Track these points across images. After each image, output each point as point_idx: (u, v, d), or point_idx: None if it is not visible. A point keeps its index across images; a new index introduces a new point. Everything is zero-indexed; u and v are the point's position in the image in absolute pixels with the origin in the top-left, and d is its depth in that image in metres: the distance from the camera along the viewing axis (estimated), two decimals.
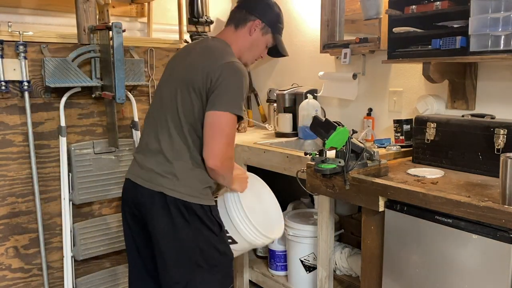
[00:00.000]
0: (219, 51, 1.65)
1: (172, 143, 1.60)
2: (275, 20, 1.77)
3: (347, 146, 1.79)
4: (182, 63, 1.68)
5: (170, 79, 1.69)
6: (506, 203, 1.40)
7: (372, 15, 2.41)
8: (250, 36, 1.74)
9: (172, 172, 1.58)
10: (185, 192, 1.57)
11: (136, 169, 1.68)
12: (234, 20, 1.75)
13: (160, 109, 1.66)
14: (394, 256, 1.74)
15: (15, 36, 2.01)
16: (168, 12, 3.21)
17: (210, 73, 1.56)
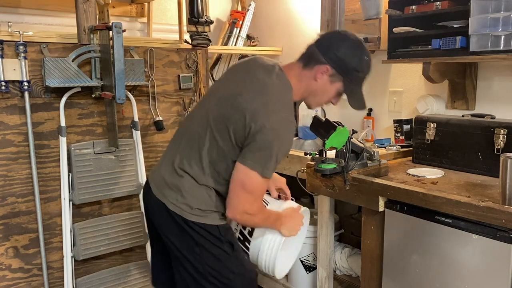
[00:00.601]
0: (275, 98, 1.46)
1: (189, 160, 1.53)
2: (352, 68, 1.49)
3: (347, 146, 1.79)
4: (234, 90, 1.51)
5: (216, 100, 1.54)
6: (506, 203, 1.40)
7: (372, 15, 2.41)
8: (315, 81, 1.52)
9: (178, 187, 1.53)
10: (185, 209, 1.52)
11: (155, 172, 1.65)
12: (304, 57, 1.53)
13: (193, 125, 1.58)
14: (394, 256, 1.74)
15: (15, 36, 2.01)
16: (168, 12, 3.21)
17: (252, 122, 1.42)
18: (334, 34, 1.56)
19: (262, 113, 1.43)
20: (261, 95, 1.46)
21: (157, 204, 1.56)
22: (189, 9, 2.48)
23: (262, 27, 3.33)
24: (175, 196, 1.53)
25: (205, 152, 1.51)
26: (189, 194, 1.52)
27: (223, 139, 1.49)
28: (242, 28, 3.29)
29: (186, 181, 1.53)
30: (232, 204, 1.50)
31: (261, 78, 1.50)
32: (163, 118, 2.46)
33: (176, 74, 2.49)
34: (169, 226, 1.56)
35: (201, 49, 2.56)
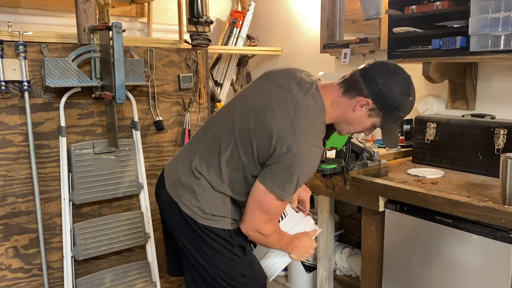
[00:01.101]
0: (305, 121, 1.40)
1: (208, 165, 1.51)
2: (394, 107, 1.42)
3: (347, 146, 1.79)
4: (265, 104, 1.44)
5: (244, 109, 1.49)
6: (506, 203, 1.40)
7: (372, 15, 2.41)
8: (352, 112, 1.44)
9: (193, 189, 1.51)
10: (197, 212, 1.50)
11: (171, 167, 1.62)
12: (346, 83, 1.44)
13: (217, 129, 1.53)
14: (394, 256, 1.74)
15: (15, 36, 2.01)
16: (168, 12, 3.21)
17: (278, 143, 1.37)
18: (383, 66, 1.44)
19: (289, 136, 1.38)
20: (291, 116, 1.40)
21: (170, 203, 1.54)
22: (189, 9, 2.48)
23: (262, 27, 3.33)
24: (189, 198, 1.51)
25: (224, 160, 1.48)
26: (203, 198, 1.50)
27: (245, 152, 1.45)
28: (242, 28, 3.29)
29: (202, 184, 1.50)
30: (247, 221, 1.48)
31: (295, 96, 1.43)
32: (163, 118, 2.46)
33: (176, 74, 2.49)
34: (180, 226, 1.54)
35: (201, 49, 2.56)
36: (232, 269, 1.54)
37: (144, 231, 2.38)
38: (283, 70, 1.56)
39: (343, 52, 2.63)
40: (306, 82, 1.47)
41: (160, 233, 2.51)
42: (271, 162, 1.40)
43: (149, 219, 2.39)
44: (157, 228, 2.51)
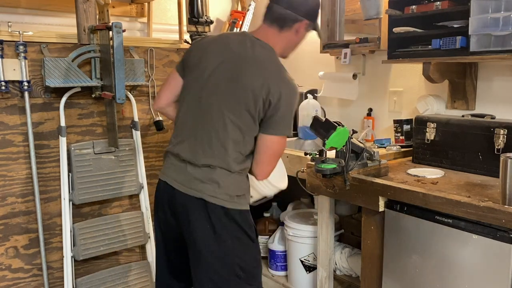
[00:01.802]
0: (272, 67, 1.61)
1: (213, 151, 1.58)
2: (317, 12, 1.73)
3: (347, 146, 1.79)
4: (232, 76, 1.58)
5: (217, 90, 1.59)
6: (506, 203, 1.40)
7: (372, 15, 2.41)
8: (295, 36, 1.68)
9: (213, 179, 1.57)
10: (225, 199, 1.57)
11: (173, 173, 1.65)
12: (278, 22, 1.64)
13: (202, 119, 1.61)
14: (394, 256, 1.74)
15: (15, 36, 2.01)
16: (168, 12, 3.21)
17: (269, 95, 1.54)
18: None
19: (273, 84, 1.55)
20: (261, 69, 1.58)
21: (191, 202, 1.58)
22: (189, 9, 2.48)
23: None
24: (213, 188, 1.57)
25: (226, 140, 1.57)
26: (225, 184, 1.58)
27: (242, 122, 1.57)
28: (242, 28, 3.29)
29: (219, 172, 1.58)
30: (264, 171, 1.65)
31: (250, 53, 1.60)
32: (163, 118, 2.46)
33: None
34: (204, 224, 1.57)
35: None
36: (248, 255, 1.64)
37: (144, 231, 2.38)
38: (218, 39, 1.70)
39: (343, 52, 2.63)
40: (245, 39, 1.64)
41: None
42: (271, 113, 1.56)
43: (149, 219, 2.39)
44: None
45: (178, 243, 1.68)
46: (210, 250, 1.58)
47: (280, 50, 1.69)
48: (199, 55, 1.67)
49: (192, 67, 1.67)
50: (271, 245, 2.58)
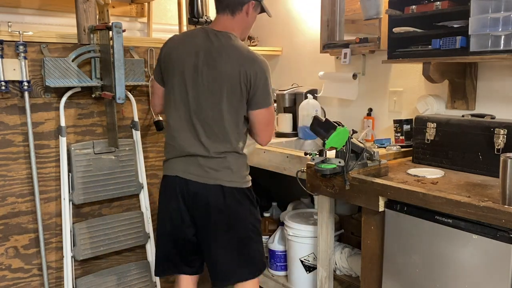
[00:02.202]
0: (241, 52, 1.79)
1: (219, 142, 1.80)
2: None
3: (347, 146, 1.79)
4: (211, 70, 1.77)
5: (202, 87, 1.78)
6: (506, 203, 1.40)
7: (372, 15, 2.41)
8: (247, 17, 1.86)
9: (227, 166, 1.82)
10: (239, 180, 1.85)
11: (184, 167, 1.84)
12: (229, 8, 1.82)
13: (196, 114, 1.80)
14: (394, 256, 1.74)
15: (15, 36, 2.01)
16: (168, 12, 3.21)
17: (245, 75, 1.75)
18: None
19: (247, 67, 1.76)
20: (234, 58, 1.77)
21: (208, 189, 1.81)
22: (189, 9, 2.48)
23: (262, 27, 3.33)
24: (228, 174, 1.82)
25: (228, 127, 1.79)
26: (236, 167, 1.84)
27: (234, 107, 1.79)
28: None
29: (230, 157, 1.82)
30: (265, 138, 1.93)
31: (219, 46, 1.79)
32: (163, 118, 2.46)
33: None
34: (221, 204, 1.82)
35: None
36: (256, 220, 1.94)
37: (144, 231, 2.38)
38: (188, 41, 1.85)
39: (343, 52, 2.63)
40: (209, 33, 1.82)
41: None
42: (253, 92, 1.79)
43: (149, 219, 2.39)
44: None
45: (188, 226, 1.88)
46: (226, 224, 1.83)
47: (238, 33, 1.86)
48: (172, 59, 1.84)
49: (170, 71, 1.85)
50: (271, 245, 2.58)
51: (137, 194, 2.39)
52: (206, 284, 2.74)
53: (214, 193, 1.81)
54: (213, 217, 1.83)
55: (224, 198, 1.82)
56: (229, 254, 1.88)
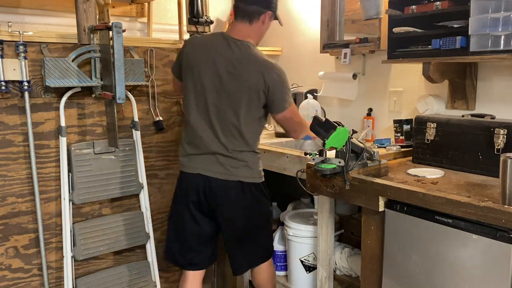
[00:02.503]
0: (259, 61, 1.94)
1: (236, 141, 1.96)
2: (276, 5, 2.05)
3: (347, 146, 1.79)
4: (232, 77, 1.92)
5: (223, 92, 1.94)
6: (506, 203, 1.40)
7: (372, 15, 2.41)
8: (263, 25, 2.01)
9: (245, 164, 1.99)
10: (255, 176, 2.03)
11: (204, 165, 2.00)
12: (247, 16, 1.97)
13: (215, 115, 1.96)
14: (394, 256, 1.74)
15: (15, 36, 2.01)
16: (168, 12, 3.21)
17: (262, 83, 1.90)
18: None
19: (265, 74, 1.90)
20: (253, 66, 1.92)
21: (229, 184, 1.98)
22: (189, 9, 2.48)
23: None
24: (246, 171, 1.99)
25: (245, 129, 1.95)
26: (253, 165, 2.02)
27: (252, 111, 1.95)
28: None
29: (247, 155, 1.99)
30: (299, 134, 2.11)
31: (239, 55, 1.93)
32: (163, 118, 2.46)
33: None
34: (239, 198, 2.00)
35: None
36: (268, 211, 2.17)
37: (144, 231, 2.38)
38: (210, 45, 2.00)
39: (343, 52, 2.63)
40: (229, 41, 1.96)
41: (160, 233, 2.52)
42: (271, 98, 1.94)
43: (149, 219, 2.39)
44: (157, 228, 2.51)
45: (208, 218, 2.06)
46: (243, 217, 2.03)
47: (254, 40, 2.01)
48: (191, 61, 2.00)
49: (191, 69, 1.99)
50: None
51: (137, 194, 2.39)
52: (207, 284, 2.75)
53: (235, 189, 1.99)
54: (233, 210, 2.01)
55: (243, 193, 2.00)
56: (246, 244, 2.09)
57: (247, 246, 2.11)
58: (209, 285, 2.76)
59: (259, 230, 2.12)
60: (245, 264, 2.17)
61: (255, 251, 2.15)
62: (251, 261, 2.17)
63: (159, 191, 2.52)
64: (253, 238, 2.10)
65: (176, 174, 2.55)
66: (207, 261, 2.16)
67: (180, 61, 2.06)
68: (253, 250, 2.14)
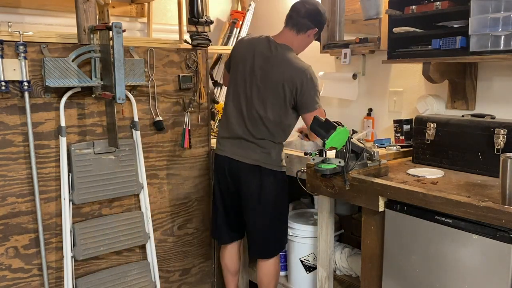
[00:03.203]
0: (293, 62, 2.14)
1: (261, 131, 2.16)
2: (323, 26, 2.29)
3: (347, 146, 1.79)
4: (267, 74, 2.15)
5: (257, 85, 2.16)
6: (506, 203, 1.40)
7: (372, 15, 2.41)
8: (307, 38, 2.23)
9: (267, 151, 2.17)
10: (275, 164, 2.19)
11: (230, 148, 2.24)
12: (297, 26, 2.19)
13: (246, 106, 2.19)
14: (394, 256, 1.74)
15: (15, 36, 2.01)
16: (168, 12, 3.21)
17: (292, 84, 2.09)
18: (314, 7, 2.20)
19: (296, 76, 2.10)
20: (287, 67, 2.13)
21: (249, 168, 2.18)
22: (189, 9, 2.48)
23: (262, 27, 3.33)
24: (266, 157, 2.18)
25: (270, 123, 2.15)
26: (273, 153, 2.19)
27: (279, 108, 2.14)
28: (242, 28, 3.29)
29: (268, 143, 2.18)
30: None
31: (276, 55, 2.16)
32: (163, 118, 2.46)
33: (176, 74, 2.49)
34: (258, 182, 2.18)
35: (201, 49, 2.56)
36: (286, 199, 2.29)
37: (144, 231, 2.38)
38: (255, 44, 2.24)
39: (343, 52, 2.63)
40: (271, 44, 2.20)
41: (160, 233, 2.52)
42: (300, 98, 2.11)
43: (149, 219, 2.39)
44: (157, 228, 2.51)
45: (234, 197, 2.28)
46: (260, 199, 2.19)
47: (295, 48, 2.22)
48: (237, 57, 2.27)
49: (235, 64, 2.27)
50: None
51: (137, 194, 2.39)
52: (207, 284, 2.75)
53: (254, 172, 2.18)
54: (251, 191, 2.20)
55: (261, 177, 2.17)
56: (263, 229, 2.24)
57: (263, 232, 2.25)
58: (209, 285, 2.76)
59: (275, 219, 2.25)
60: (260, 250, 2.30)
61: (269, 240, 2.27)
62: (265, 248, 2.29)
63: (159, 191, 2.52)
64: (268, 225, 2.23)
65: (176, 174, 2.55)
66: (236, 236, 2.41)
67: (231, 56, 2.34)
68: (268, 238, 2.27)
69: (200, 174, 2.64)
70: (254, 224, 2.25)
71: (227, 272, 2.50)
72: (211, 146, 2.65)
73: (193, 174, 2.62)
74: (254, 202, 2.21)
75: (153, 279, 2.43)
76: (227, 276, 2.51)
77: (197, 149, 2.62)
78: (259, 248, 2.30)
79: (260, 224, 2.24)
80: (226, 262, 2.48)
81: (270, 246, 2.30)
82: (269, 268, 2.31)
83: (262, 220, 2.23)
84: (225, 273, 2.52)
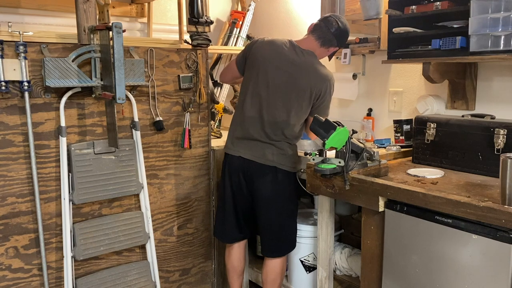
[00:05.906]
0: (317, 69, 2.18)
1: (279, 133, 2.18)
2: (344, 47, 2.45)
3: (347, 146, 1.79)
4: (290, 78, 2.18)
5: (279, 88, 2.19)
6: (506, 203, 1.40)
7: (372, 15, 2.41)
8: (327, 52, 2.27)
9: (283, 153, 2.20)
10: (290, 165, 2.22)
11: (245, 149, 2.24)
12: (323, 40, 2.21)
13: (266, 108, 2.20)
14: (394, 256, 1.74)
15: (15, 36, 2.01)
16: (168, 12, 3.21)
17: (317, 91, 2.15)
18: (345, 28, 2.21)
19: (319, 82, 2.16)
20: (311, 72, 2.18)
21: (265, 168, 2.20)
22: (189, 9, 2.48)
23: (262, 27, 3.33)
24: (282, 158, 2.20)
25: (289, 126, 2.18)
26: (289, 154, 2.21)
27: (299, 112, 2.18)
28: (242, 28, 3.29)
29: (284, 145, 2.20)
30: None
31: (301, 61, 2.20)
32: (163, 118, 2.46)
33: (176, 74, 2.49)
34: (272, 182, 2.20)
35: (201, 49, 2.56)
36: (295, 199, 2.32)
37: (144, 231, 2.38)
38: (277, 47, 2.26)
39: (343, 52, 2.63)
40: (296, 48, 2.23)
41: (160, 233, 2.52)
42: (318, 104, 2.18)
43: (149, 219, 2.39)
44: (157, 228, 2.51)
45: (246, 197, 2.29)
46: (274, 199, 2.22)
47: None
48: (258, 58, 2.25)
49: (256, 64, 2.25)
50: None
51: (137, 194, 2.39)
52: (207, 284, 2.75)
53: (269, 173, 2.19)
54: (267, 191, 2.21)
55: (276, 177, 2.20)
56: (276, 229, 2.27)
57: (276, 231, 2.27)
58: (209, 285, 2.76)
59: (289, 219, 2.30)
60: (273, 249, 2.32)
61: (282, 239, 2.30)
62: (278, 247, 2.31)
63: (159, 191, 2.52)
64: (281, 225, 2.27)
65: (176, 174, 2.55)
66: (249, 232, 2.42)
67: (246, 56, 2.31)
68: (281, 237, 2.29)
69: (200, 174, 2.65)
70: (269, 224, 2.26)
71: (234, 272, 2.49)
72: (211, 146, 2.65)
73: (193, 174, 2.62)
74: (270, 203, 2.22)
75: (153, 279, 2.43)
76: (233, 277, 2.49)
77: (197, 149, 2.62)
78: (272, 248, 2.31)
79: (275, 224, 2.25)
80: (233, 262, 2.47)
81: (283, 245, 2.31)
82: (276, 265, 2.32)
83: (277, 220, 2.25)
84: (231, 273, 2.49)
